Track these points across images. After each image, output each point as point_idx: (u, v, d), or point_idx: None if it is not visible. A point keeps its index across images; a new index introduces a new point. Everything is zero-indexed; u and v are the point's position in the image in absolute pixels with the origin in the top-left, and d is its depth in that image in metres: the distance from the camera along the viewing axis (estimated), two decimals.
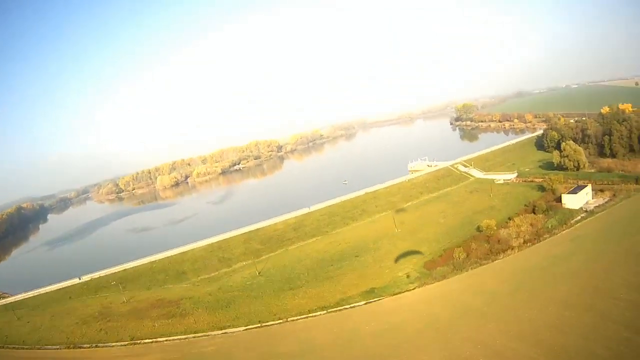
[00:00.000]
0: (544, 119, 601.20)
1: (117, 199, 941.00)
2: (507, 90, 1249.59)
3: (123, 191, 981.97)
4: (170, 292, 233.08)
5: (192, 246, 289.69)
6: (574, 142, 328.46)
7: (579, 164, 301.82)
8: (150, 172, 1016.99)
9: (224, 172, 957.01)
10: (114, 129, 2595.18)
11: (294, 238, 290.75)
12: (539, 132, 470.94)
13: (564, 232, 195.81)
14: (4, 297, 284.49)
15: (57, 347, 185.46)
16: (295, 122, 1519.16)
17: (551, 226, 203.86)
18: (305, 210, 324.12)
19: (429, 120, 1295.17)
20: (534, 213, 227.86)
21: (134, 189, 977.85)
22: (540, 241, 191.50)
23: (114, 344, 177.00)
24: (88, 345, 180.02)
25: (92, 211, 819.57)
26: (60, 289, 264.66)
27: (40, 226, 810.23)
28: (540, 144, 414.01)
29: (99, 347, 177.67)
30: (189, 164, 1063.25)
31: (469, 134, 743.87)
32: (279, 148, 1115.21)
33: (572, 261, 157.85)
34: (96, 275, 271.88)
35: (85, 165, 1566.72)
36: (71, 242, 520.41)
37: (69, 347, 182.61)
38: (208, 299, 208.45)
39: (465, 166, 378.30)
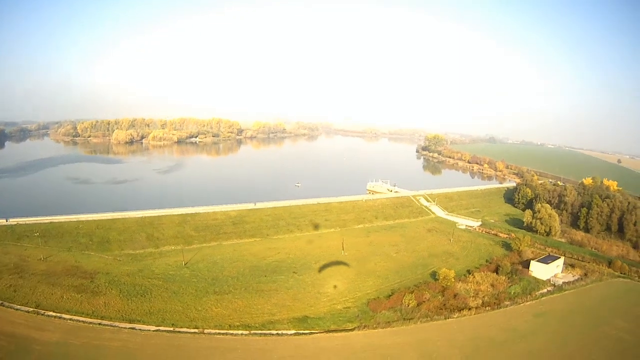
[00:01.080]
0: (516, 171, 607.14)
1: (71, 142, 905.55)
2: (479, 132, 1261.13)
3: (79, 136, 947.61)
4: (89, 261, 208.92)
5: (123, 214, 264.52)
6: (549, 205, 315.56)
7: (550, 230, 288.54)
8: (109, 124, 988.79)
9: (179, 142, 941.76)
10: (94, 71, 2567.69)
11: (231, 233, 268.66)
12: (510, 183, 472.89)
13: (528, 303, 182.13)
14: None
15: None
16: (260, 109, 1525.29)
17: (514, 293, 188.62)
18: (249, 206, 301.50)
19: (394, 141, 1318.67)
20: (497, 273, 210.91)
21: (89, 136, 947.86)
22: (500, 307, 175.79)
23: (18, 306, 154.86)
24: None
25: (46, 148, 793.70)
26: None
27: None
28: (509, 196, 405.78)
29: (4, 306, 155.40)
30: (148, 125, 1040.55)
31: (433, 167, 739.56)
32: (239, 131, 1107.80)
33: (534, 341, 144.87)
34: (23, 220, 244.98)
35: (54, 101, 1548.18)
36: (13, 176, 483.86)
37: None
38: (125, 280, 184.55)
39: (428, 200, 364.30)
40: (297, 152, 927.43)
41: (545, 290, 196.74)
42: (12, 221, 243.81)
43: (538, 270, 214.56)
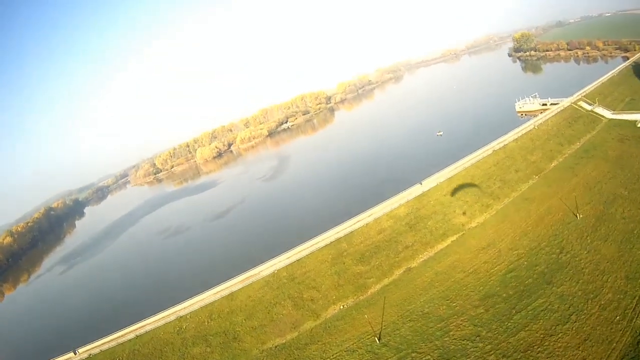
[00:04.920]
0: (616, 45, 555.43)
1: (155, 181, 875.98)
2: (543, 21, 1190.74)
3: (161, 170, 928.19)
4: None
5: (243, 277, 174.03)
6: None
7: None
8: (188, 145, 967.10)
9: (270, 134, 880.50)
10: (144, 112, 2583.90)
11: (415, 244, 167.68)
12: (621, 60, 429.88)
13: None
14: None
15: None
16: (339, 70, 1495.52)
17: None
18: (415, 190, 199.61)
19: (475, 55, 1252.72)
20: None
21: (172, 167, 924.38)
22: None
23: None
24: None
25: (127, 199, 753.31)
26: None
27: (77, 222, 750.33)
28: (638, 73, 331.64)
29: None
30: (230, 130, 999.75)
31: (535, 65, 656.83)
32: (328, 99, 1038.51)
33: None
34: (96, 346, 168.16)
35: (122, 151, 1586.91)
36: (88, 257, 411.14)
37: None
38: None
39: (589, 103, 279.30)
40: (395, 98, 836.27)
41: None
42: (82, 351, 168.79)
43: None
